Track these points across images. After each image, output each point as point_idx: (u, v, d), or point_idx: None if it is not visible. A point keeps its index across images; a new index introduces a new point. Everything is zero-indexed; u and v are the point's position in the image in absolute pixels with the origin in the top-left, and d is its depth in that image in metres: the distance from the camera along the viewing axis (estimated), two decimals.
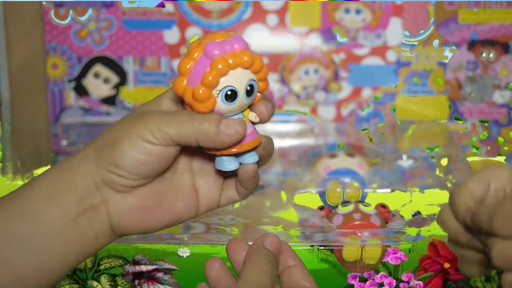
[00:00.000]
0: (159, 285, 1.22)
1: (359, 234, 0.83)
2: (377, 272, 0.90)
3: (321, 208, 0.94)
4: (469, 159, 1.10)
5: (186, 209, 0.48)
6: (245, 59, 0.44)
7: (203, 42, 0.44)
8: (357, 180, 1.01)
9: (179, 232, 0.89)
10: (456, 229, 0.44)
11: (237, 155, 0.46)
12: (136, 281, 1.22)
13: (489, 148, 1.12)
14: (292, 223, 0.87)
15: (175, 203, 0.48)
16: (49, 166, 1.06)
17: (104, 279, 1.22)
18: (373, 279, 0.91)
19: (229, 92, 0.44)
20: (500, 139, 1.11)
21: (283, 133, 1.12)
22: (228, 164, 0.46)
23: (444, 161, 1.07)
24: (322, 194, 0.98)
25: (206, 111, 0.44)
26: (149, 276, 1.24)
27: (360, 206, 0.91)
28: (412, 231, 0.92)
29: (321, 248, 0.83)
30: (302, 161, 1.08)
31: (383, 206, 0.96)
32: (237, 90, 0.44)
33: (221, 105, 0.44)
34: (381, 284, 0.86)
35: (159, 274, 1.24)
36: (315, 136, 1.12)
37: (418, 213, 0.97)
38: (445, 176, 1.04)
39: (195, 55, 0.44)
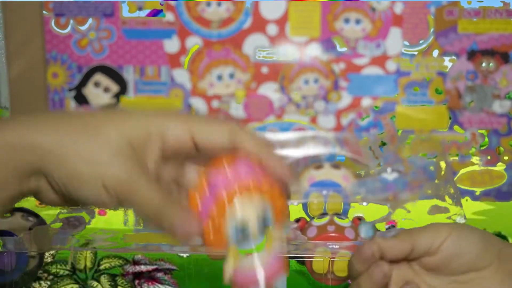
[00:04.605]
0: (159, 285, 1.22)
1: (330, 246, 0.84)
2: None
3: (297, 220, 0.95)
4: (469, 168, 1.10)
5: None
6: (250, 186, 0.41)
7: (209, 169, 0.42)
8: (340, 193, 1.01)
9: (178, 243, 0.89)
10: None
11: None
12: (136, 281, 1.21)
13: (489, 157, 1.12)
14: None
15: None
16: None
17: (104, 279, 1.22)
18: None
19: (239, 226, 0.41)
20: (501, 148, 1.11)
21: (283, 142, 1.12)
22: None
23: (440, 172, 1.07)
24: (305, 206, 0.99)
25: (218, 246, 0.42)
26: (149, 276, 1.23)
27: (335, 218, 0.91)
28: None
29: (290, 259, 0.83)
30: (300, 171, 1.08)
31: (360, 218, 0.96)
32: (247, 223, 0.41)
33: (234, 238, 0.42)
34: None
35: (159, 274, 1.24)
36: (315, 146, 1.12)
37: (392, 226, 0.98)
38: (436, 188, 1.04)
39: (202, 184, 0.42)
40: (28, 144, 0.41)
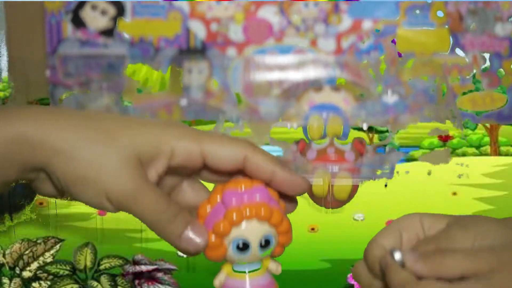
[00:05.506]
0: (159, 285, 1.23)
1: (329, 169, 0.84)
2: None
3: (297, 142, 0.94)
4: (466, 96, 1.10)
5: None
6: (262, 212, 0.43)
7: (226, 187, 0.43)
8: (340, 115, 1.01)
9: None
10: (370, 283, 0.46)
11: None
12: (136, 281, 1.23)
13: (490, 80, 1.11)
14: None
15: None
16: (46, 97, 1.07)
17: (104, 279, 1.23)
18: None
19: (240, 245, 0.43)
20: (501, 71, 1.11)
21: (282, 65, 1.11)
22: None
23: (440, 95, 1.07)
24: (304, 129, 0.98)
25: (215, 258, 0.43)
26: (149, 276, 1.24)
27: (336, 141, 0.91)
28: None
29: None
30: (297, 94, 1.07)
31: (361, 141, 0.96)
32: (249, 243, 0.43)
33: (233, 254, 0.43)
34: None
35: (159, 274, 1.25)
36: (315, 68, 1.11)
37: (392, 150, 0.98)
38: (436, 111, 1.04)
39: (215, 198, 0.44)
40: (37, 140, 0.41)
